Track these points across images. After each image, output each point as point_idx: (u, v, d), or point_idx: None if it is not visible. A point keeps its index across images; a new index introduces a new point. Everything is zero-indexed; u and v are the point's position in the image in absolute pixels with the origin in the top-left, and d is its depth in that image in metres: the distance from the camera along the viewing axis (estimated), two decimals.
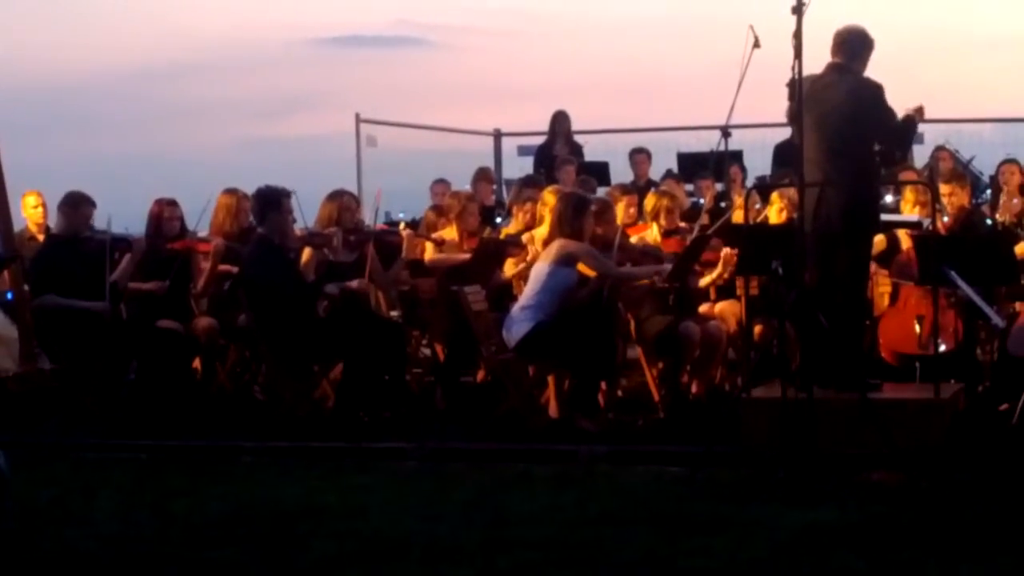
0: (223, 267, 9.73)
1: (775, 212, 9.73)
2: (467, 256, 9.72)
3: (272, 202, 9.30)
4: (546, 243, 9.03)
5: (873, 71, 8.17)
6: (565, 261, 8.76)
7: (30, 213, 10.75)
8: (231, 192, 10.19)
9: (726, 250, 9.31)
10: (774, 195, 9.73)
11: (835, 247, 8.00)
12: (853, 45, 8.06)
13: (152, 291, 9.53)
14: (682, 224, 9.94)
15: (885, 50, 8.30)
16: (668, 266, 9.02)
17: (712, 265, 9.48)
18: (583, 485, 7.19)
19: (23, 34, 25.25)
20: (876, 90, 7.99)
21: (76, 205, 9.66)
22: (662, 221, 9.62)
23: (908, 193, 9.75)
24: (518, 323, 8.74)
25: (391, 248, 10.06)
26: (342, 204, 9.90)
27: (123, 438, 8.58)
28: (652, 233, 9.60)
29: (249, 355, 9.82)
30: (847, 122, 7.94)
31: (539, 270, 8.83)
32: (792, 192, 8.37)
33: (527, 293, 8.85)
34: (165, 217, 9.81)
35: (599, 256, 8.89)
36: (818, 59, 8.12)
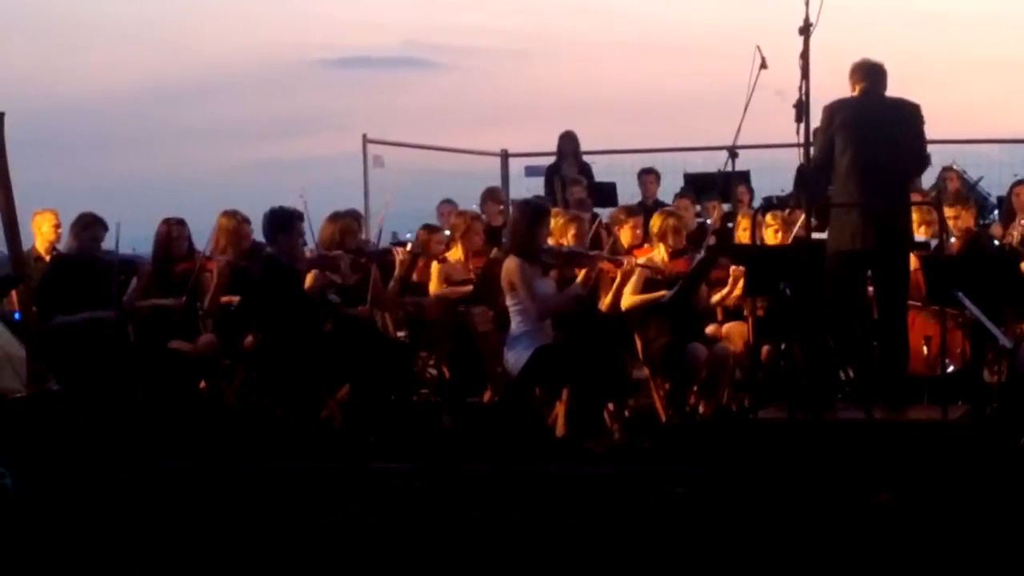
0: (225, 298, 9.76)
1: (770, 233, 9.76)
2: (469, 289, 9.66)
3: (283, 223, 9.31)
4: (503, 257, 9.08)
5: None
6: (513, 286, 8.84)
7: (46, 232, 10.74)
8: (231, 214, 10.19)
9: (736, 267, 9.32)
10: (768, 216, 9.79)
11: (867, 267, 8.13)
12: (881, 74, 8.22)
13: (170, 307, 9.54)
14: (688, 245, 9.94)
15: (892, 71, 8.36)
16: (576, 287, 9.02)
17: (722, 284, 9.50)
18: (590, 506, 7.17)
19: (34, 56, 25.33)
20: (920, 111, 8.17)
21: (87, 226, 9.67)
22: (669, 241, 9.61)
23: (914, 213, 9.75)
24: (517, 350, 8.76)
25: (393, 269, 10.06)
26: (344, 226, 9.95)
27: (130, 459, 8.57)
28: (659, 253, 9.59)
29: (256, 376, 9.81)
30: (907, 141, 8.11)
31: (508, 301, 8.87)
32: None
33: (514, 323, 8.86)
34: (173, 237, 9.83)
35: (528, 285, 8.81)
36: (825, 80, 8.21)
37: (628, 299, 9.33)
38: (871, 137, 8.10)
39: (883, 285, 8.34)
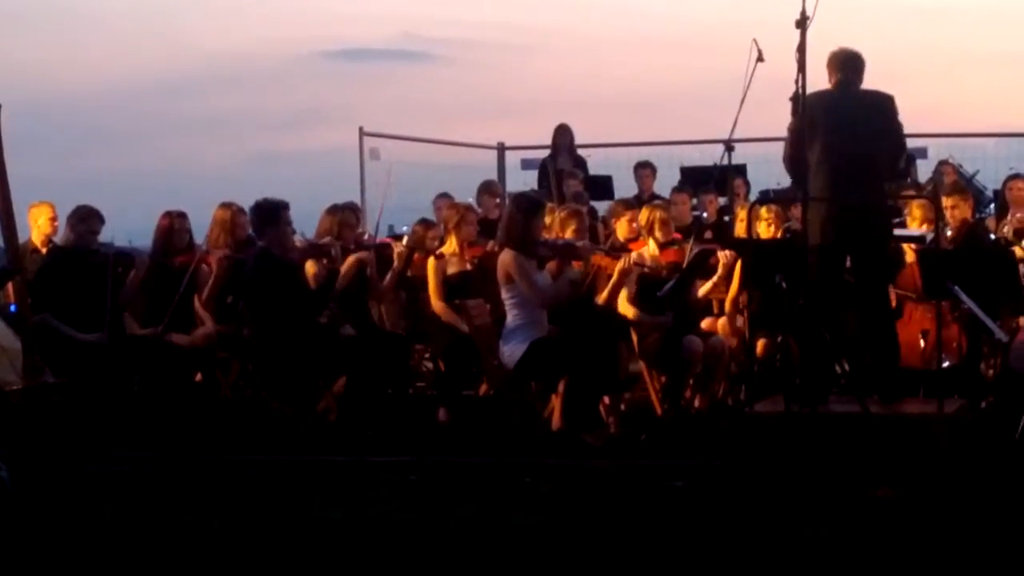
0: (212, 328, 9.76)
1: (764, 227, 9.76)
2: (466, 329, 9.60)
3: (270, 215, 9.31)
4: (498, 250, 9.08)
5: (877, 87, 8.27)
6: (509, 278, 8.83)
7: (42, 224, 10.73)
8: (226, 206, 10.17)
9: (725, 252, 9.32)
10: (762, 209, 9.79)
11: (842, 259, 8.12)
12: (857, 64, 8.18)
13: (149, 336, 9.53)
14: (679, 236, 9.93)
15: (888, 65, 8.37)
16: (574, 272, 9.00)
17: (712, 272, 9.50)
18: (586, 499, 7.18)
19: (35, 48, 25.32)
20: (893, 102, 8.16)
21: (84, 218, 9.66)
22: (657, 234, 9.61)
23: (916, 210, 9.76)
24: (513, 343, 8.76)
25: (391, 262, 10.08)
26: (343, 219, 9.98)
27: (127, 451, 8.57)
28: (650, 247, 9.59)
29: (252, 369, 9.81)
30: (879, 134, 8.10)
31: (503, 294, 8.87)
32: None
33: (509, 316, 8.86)
34: (175, 229, 9.83)
35: (527, 276, 8.79)
36: (822, 73, 8.18)
37: (625, 306, 9.32)
38: (840, 130, 8.07)
39: (859, 278, 8.32)
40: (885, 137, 8.23)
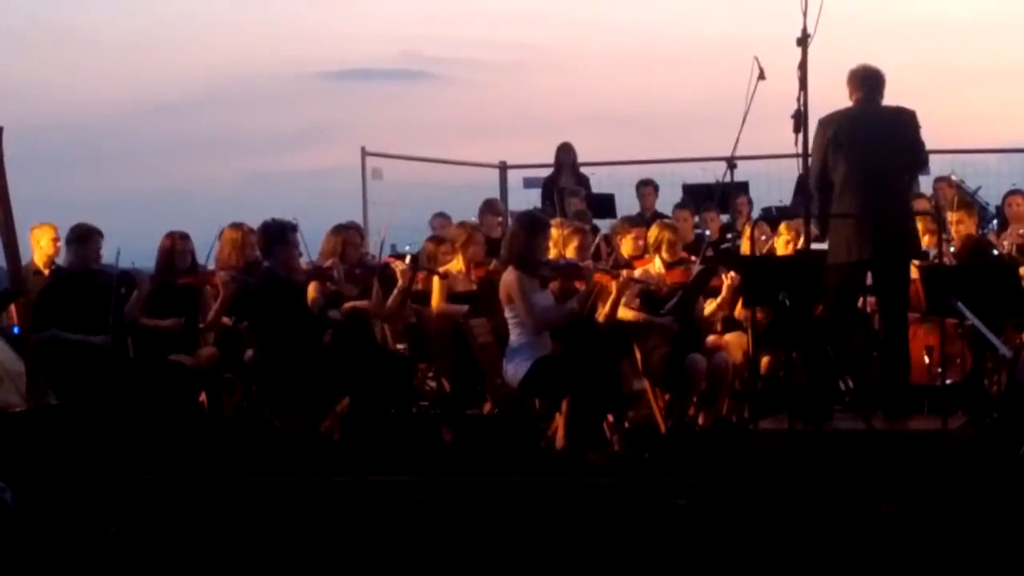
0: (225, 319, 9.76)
1: (782, 243, 9.76)
2: (467, 308, 9.61)
3: (278, 235, 9.32)
4: (501, 269, 9.06)
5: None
6: (511, 298, 8.82)
7: (44, 246, 10.73)
8: (236, 226, 10.21)
9: (730, 274, 9.32)
10: (781, 226, 9.78)
11: (864, 276, 8.13)
12: (878, 80, 8.22)
13: (169, 328, 9.54)
14: (686, 255, 9.94)
15: (890, 82, 8.37)
16: (573, 304, 8.97)
17: (716, 292, 9.50)
18: (589, 517, 7.17)
19: (34, 69, 25.35)
20: (916, 117, 8.18)
21: (85, 239, 9.65)
22: (664, 254, 9.61)
23: (918, 223, 9.75)
24: (516, 362, 8.75)
25: (395, 281, 10.06)
26: (346, 238, 9.98)
27: (130, 472, 8.56)
28: (655, 266, 9.60)
29: (256, 389, 9.81)
30: (903, 149, 8.12)
31: (506, 313, 8.86)
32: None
33: (513, 335, 8.84)
34: (177, 250, 9.84)
35: (524, 298, 8.76)
36: (823, 90, 8.18)
37: (624, 311, 9.32)
38: (866, 148, 8.10)
39: (883, 295, 8.34)
40: (909, 152, 8.26)
